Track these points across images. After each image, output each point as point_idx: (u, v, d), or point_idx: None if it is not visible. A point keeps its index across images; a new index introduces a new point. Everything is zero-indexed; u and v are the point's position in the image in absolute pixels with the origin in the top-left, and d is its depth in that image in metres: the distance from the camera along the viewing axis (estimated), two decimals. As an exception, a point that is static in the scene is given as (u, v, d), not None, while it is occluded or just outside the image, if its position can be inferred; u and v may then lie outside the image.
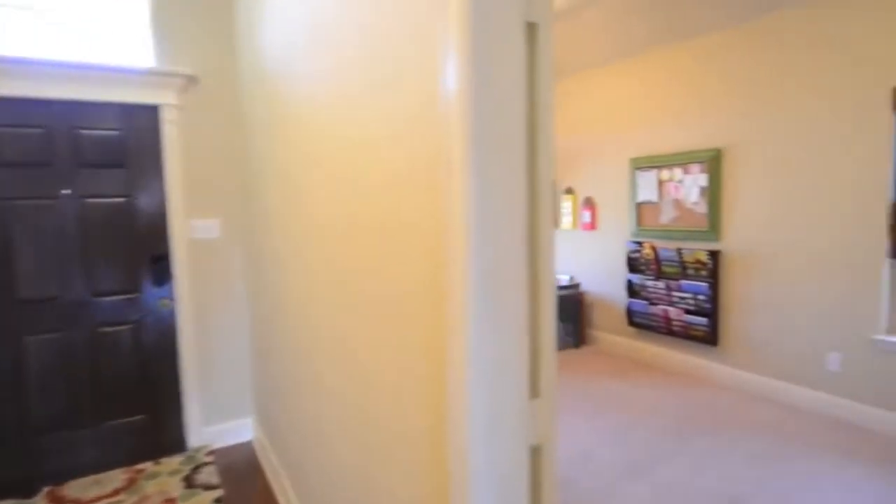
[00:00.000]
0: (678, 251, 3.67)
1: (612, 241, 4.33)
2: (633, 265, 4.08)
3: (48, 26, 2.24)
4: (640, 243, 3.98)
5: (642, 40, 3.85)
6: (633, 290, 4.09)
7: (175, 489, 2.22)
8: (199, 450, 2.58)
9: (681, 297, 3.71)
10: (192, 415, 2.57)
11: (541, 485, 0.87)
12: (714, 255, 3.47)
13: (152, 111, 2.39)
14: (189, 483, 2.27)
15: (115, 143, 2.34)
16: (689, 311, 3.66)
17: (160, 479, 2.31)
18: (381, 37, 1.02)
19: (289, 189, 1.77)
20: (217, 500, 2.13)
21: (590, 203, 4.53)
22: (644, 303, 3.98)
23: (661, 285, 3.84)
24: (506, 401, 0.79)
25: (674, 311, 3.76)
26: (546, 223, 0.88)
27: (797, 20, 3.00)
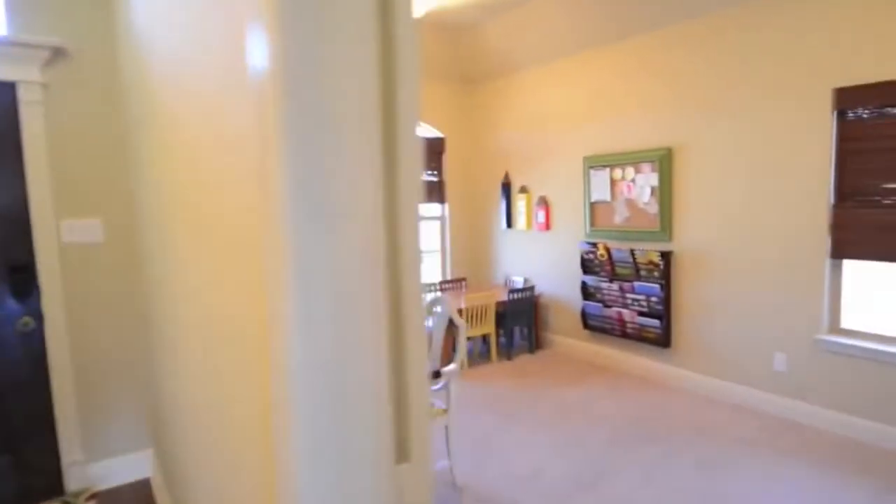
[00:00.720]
0: (631, 252, 3.49)
1: (566, 241, 4.12)
2: (588, 266, 3.88)
3: None
4: (593, 244, 3.78)
5: (589, 37, 3.66)
6: (587, 292, 3.89)
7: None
8: (78, 494, 2.13)
9: (634, 298, 3.53)
10: (69, 452, 2.12)
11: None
12: (666, 256, 3.30)
13: (7, 90, 1.93)
14: (58, 537, 1.83)
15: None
16: (642, 314, 3.49)
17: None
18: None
19: (153, 180, 1.39)
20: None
21: (544, 202, 4.30)
22: (599, 305, 3.79)
23: (615, 287, 3.64)
24: (358, 470, 0.59)
25: (627, 314, 3.58)
26: (409, 227, 0.67)
27: (737, 18, 2.88)
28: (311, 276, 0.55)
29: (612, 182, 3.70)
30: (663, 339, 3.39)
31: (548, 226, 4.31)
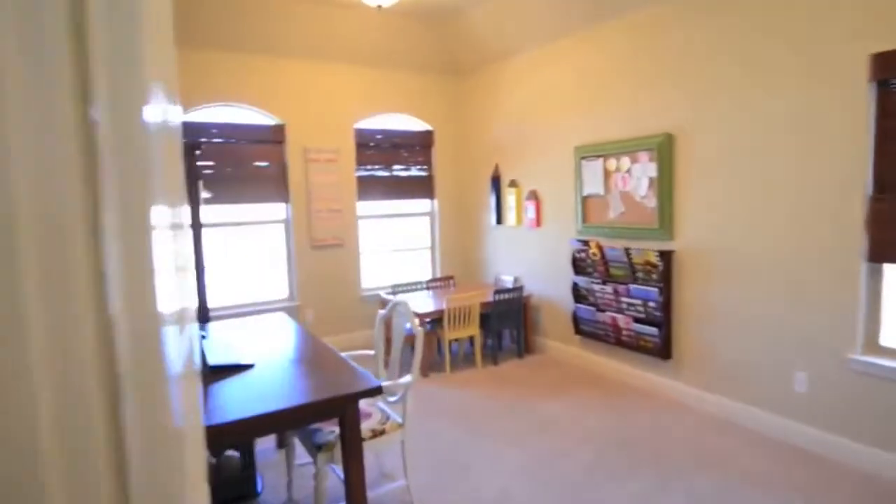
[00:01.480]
0: (626, 251, 3.05)
1: (558, 238, 3.69)
2: (579, 266, 3.44)
3: None
4: (585, 242, 3.35)
5: (580, 15, 3.20)
6: (579, 294, 3.46)
7: None
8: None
9: (629, 303, 3.09)
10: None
11: None
12: (666, 256, 2.85)
13: None
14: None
15: None
16: (638, 320, 3.04)
17: None
18: None
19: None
20: None
21: (534, 197, 3.88)
22: (591, 309, 3.36)
23: (609, 290, 3.21)
24: None
25: (622, 319, 3.14)
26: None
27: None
28: None
29: (606, 174, 3.25)
30: (662, 350, 2.94)
31: (538, 222, 3.89)
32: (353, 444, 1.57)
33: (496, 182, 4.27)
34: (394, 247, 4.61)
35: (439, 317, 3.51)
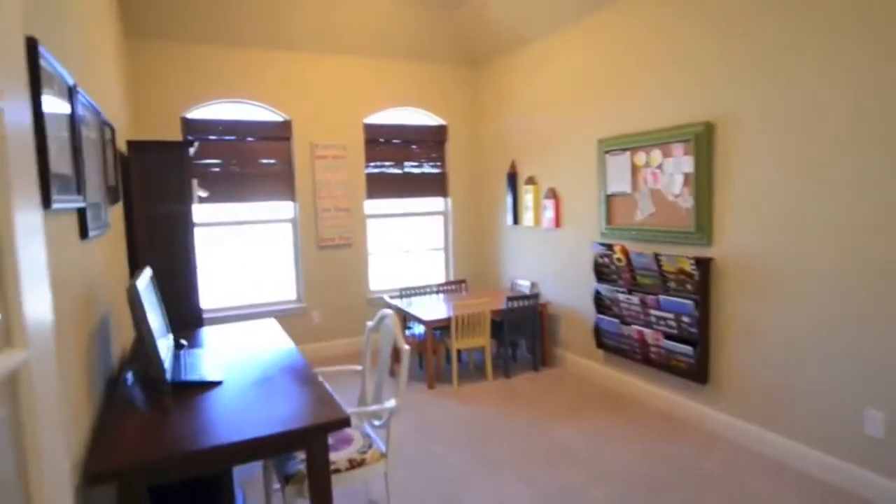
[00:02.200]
0: (656, 257, 2.63)
1: (578, 241, 3.31)
2: (602, 273, 3.05)
3: None
4: (609, 246, 2.95)
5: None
6: (601, 304, 3.07)
7: None
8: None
9: (659, 316, 2.68)
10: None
11: None
12: (703, 264, 2.42)
13: None
14: None
15: None
16: (669, 336, 2.63)
17: None
18: None
19: None
20: None
21: (554, 195, 3.50)
22: (615, 321, 2.96)
23: (635, 300, 2.80)
24: None
25: (651, 334, 2.73)
26: None
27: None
28: None
29: (634, 169, 2.84)
30: (698, 372, 2.52)
31: (557, 222, 3.51)
32: (321, 480, 1.31)
33: (512, 179, 3.92)
34: (405, 248, 4.35)
35: (448, 324, 3.21)
